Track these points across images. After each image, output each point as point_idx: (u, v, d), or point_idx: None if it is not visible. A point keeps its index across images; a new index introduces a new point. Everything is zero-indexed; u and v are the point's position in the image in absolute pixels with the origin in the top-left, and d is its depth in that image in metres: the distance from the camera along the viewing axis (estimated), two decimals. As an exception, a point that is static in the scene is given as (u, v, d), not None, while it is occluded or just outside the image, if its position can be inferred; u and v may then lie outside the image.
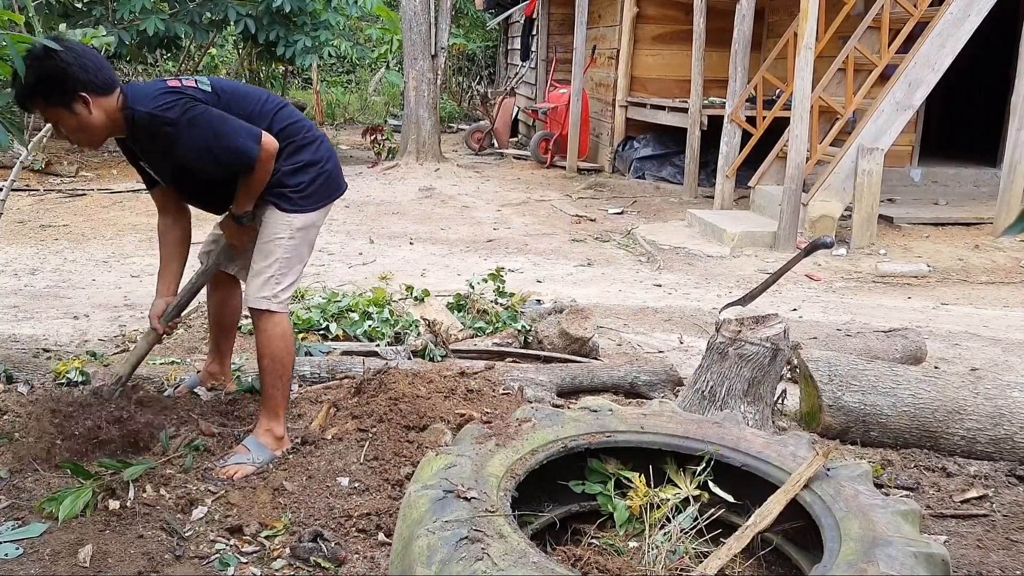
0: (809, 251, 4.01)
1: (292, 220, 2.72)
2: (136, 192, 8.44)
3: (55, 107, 2.49)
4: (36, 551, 2.17)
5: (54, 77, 2.44)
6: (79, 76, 2.45)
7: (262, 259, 2.72)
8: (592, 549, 1.92)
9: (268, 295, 2.70)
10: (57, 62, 2.43)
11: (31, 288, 5.25)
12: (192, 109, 2.52)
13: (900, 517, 1.70)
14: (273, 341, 2.72)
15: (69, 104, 2.47)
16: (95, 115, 2.51)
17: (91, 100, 2.48)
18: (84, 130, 2.54)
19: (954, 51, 6.75)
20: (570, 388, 3.51)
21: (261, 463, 2.65)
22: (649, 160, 10.37)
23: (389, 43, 16.29)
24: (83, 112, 2.49)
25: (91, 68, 2.48)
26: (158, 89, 2.57)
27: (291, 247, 2.73)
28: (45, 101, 2.49)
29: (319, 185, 2.77)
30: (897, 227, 7.40)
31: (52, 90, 2.46)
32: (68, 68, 2.44)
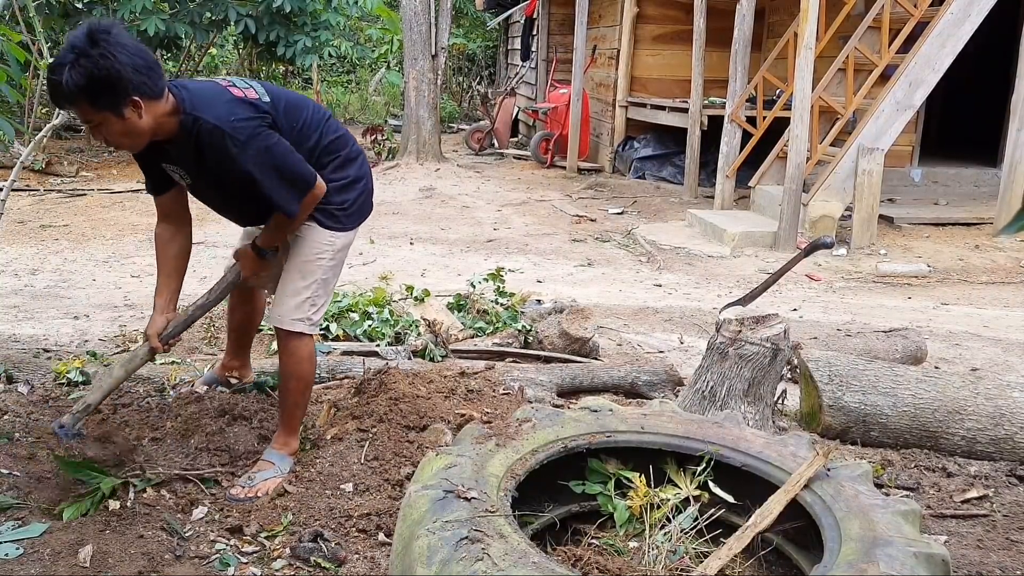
0: (809, 251, 4.01)
1: (335, 240, 2.62)
2: (136, 192, 8.44)
3: (102, 111, 2.24)
4: (36, 551, 2.17)
5: (107, 79, 2.18)
6: (133, 79, 2.21)
7: (300, 279, 2.59)
8: (592, 549, 1.92)
9: (302, 317, 2.59)
10: (112, 62, 2.17)
11: (31, 288, 5.25)
12: (264, 136, 2.36)
13: (900, 517, 1.70)
14: (303, 364, 2.64)
15: (119, 109, 2.23)
16: (144, 120, 2.28)
17: (143, 105, 2.25)
18: (129, 135, 2.31)
19: (954, 51, 6.75)
20: (570, 388, 3.51)
21: (284, 473, 2.63)
22: (649, 160, 10.37)
23: (389, 43, 16.31)
24: (132, 117, 2.26)
25: (145, 70, 2.24)
26: (227, 100, 2.37)
27: (330, 268, 2.64)
28: (92, 105, 2.23)
29: (361, 203, 2.69)
30: (897, 227, 7.40)
31: (102, 93, 2.20)
32: (123, 69, 2.19)
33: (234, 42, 12.63)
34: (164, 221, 2.68)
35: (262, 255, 2.62)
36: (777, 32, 9.24)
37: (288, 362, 2.65)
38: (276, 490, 2.54)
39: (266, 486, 2.55)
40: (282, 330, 2.61)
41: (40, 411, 2.98)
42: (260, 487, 2.54)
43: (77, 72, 2.16)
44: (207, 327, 4.07)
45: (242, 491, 2.53)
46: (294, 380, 2.65)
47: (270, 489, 2.54)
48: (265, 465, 2.62)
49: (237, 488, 2.54)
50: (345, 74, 19.18)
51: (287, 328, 2.60)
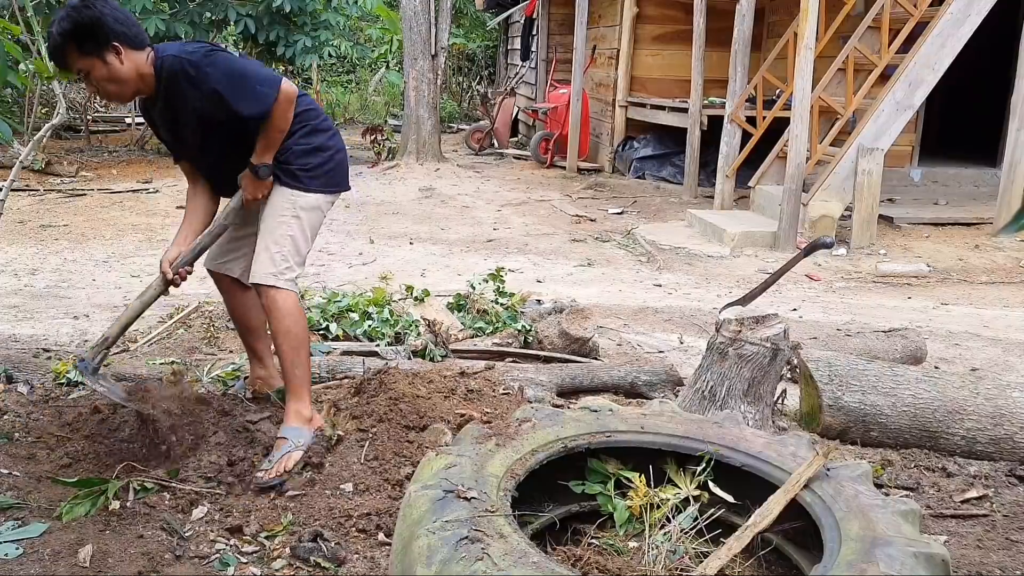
0: (809, 251, 4.01)
1: (296, 198, 2.74)
2: (136, 192, 8.45)
3: (88, 56, 2.53)
4: (36, 551, 2.17)
5: (89, 25, 2.49)
6: (113, 26, 2.51)
7: (267, 236, 2.73)
8: (592, 549, 1.92)
9: (274, 271, 2.70)
10: (93, 11, 2.49)
11: (31, 288, 5.25)
12: (213, 53, 2.59)
13: (900, 517, 1.70)
14: (285, 317, 2.69)
15: (102, 53, 2.52)
16: (126, 66, 2.55)
17: (123, 51, 2.54)
18: (114, 80, 2.57)
19: (954, 51, 6.75)
20: (570, 388, 3.51)
21: (305, 444, 2.63)
22: (649, 160, 10.38)
23: (389, 43, 16.31)
24: (115, 62, 2.54)
25: (124, 20, 2.55)
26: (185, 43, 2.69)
27: (296, 226, 2.74)
28: (79, 50, 2.52)
29: (327, 170, 2.80)
30: (897, 227, 7.40)
31: (86, 38, 2.50)
32: (103, 17, 2.50)
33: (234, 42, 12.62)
34: (191, 181, 2.92)
35: (257, 173, 2.73)
36: (777, 32, 9.24)
37: (272, 319, 2.72)
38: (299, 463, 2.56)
39: (286, 461, 2.56)
40: (260, 287, 2.72)
41: (40, 411, 2.98)
42: (280, 465, 2.55)
43: (65, 21, 2.50)
44: (207, 327, 4.07)
45: (265, 474, 2.54)
46: (281, 336, 2.70)
47: (291, 464, 2.55)
48: (280, 443, 2.64)
49: (262, 472, 2.55)
50: (345, 74, 19.17)
51: (261, 282, 2.70)
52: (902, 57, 6.92)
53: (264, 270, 2.71)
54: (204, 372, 3.41)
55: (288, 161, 2.74)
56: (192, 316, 4.28)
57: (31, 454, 2.66)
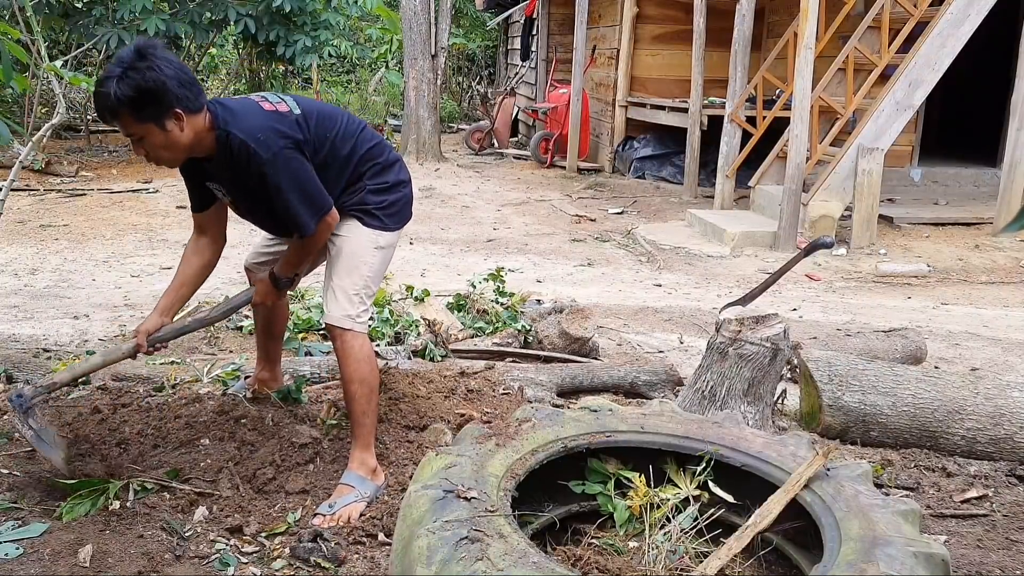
0: (809, 251, 4.01)
1: (377, 238, 2.64)
2: (136, 192, 8.45)
3: (145, 122, 2.30)
4: (36, 551, 2.17)
5: (152, 91, 2.25)
6: (177, 91, 2.28)
7: (345, 275, 2.60)
8: (592, 549, 1.92)
9: (352, 313, 2.57)
10: (158, 75, 2.25)
11: (31, 288, 5.25)
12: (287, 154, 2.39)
13: (900, 517, 1.70)
14: (361, 364, 2.56)
15: (162, 121, 2.30)
16: (185, 134, 2.34)
17: (184, 118, 2.31)
18: (170, 148, 2.36)
19: (954, 51, 6.75)
20: (570, 388, 3.51)
21: (370, 497, 2.49)
22: (649, 160, 10.38)
23: (389, 43, 16.28)
24: (174, 130, 2.32)
25: (187, 84, 2.31)
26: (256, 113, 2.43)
27: (375, 266, 2.64)
28: (136, 116, 2.28)
29: (401, 206, 2.71)
30: (897, 227, 7.40)
31: (147, 104, 2.27)
32: (168, 82, 2.26)
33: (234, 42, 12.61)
34: (199, 235, 2.72)
35: (277, 284, 2.65)
36: (777, 32, 9.24)
37: (346, 363, 2.57)
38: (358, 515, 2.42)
39: (347, 512, 2.42)
40: (334, 329, 2.58)
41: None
42: (341, 514, 2.41)
43: (125, 84, 2.23)
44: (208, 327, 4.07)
45: (324, 520, 2.40)
46: (356, 384, 2.56)
47: (352, 516, 2.41)
48: (345, 489, 2.49)
49: (319, 518, 2.41)
50: (345, 74, 19.16)
51: (337, 325, 2.57)
52: (902, 57, 6.91)
53: (340, 312, 2.57)
54: (204, 372, 3.41)
55: (364, 202, 2.62)
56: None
57: (31, 454, 2.66)
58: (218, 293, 4.89)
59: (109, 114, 2.31)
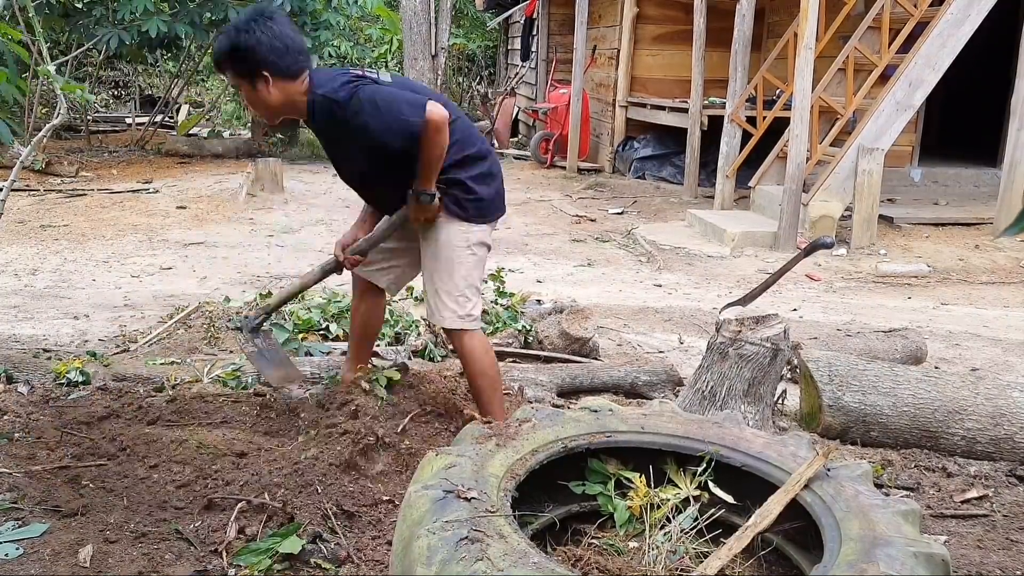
0: (809, 251, 4.01)
1: (470, 233, 2.69)
2: (136, 192, 8.45)
3: (240, 77, 2.62)
4: (36, 551, 2.17)
5: (244, 49, 2.55)
6: (266, 56, 2.55)
7: (446, 276, 2.70)
8: (592, 549, 1.92)
9: (460, 314, 2.69)
10: (251, 36, 2.55)
11: (31, 288, 5.25)
12: (358, 88, 2.56)
13: (900, 517, 1.70)
14: (480, 360, 2.73)
15: (252, 79, 2.59)
16: (273, 95, 2.60)
17: (271, 80, 2.58)
18: (258, 105, 2.66)
19: (954, 51, 6.75)
20: (570, 388, 3.51)
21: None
22: (649, 160, 10.37)
23: (389, 43, 16.30)
24: (263, 89, 2.59)
25: (280, 51, 2.56)
26: (340, 74, 2.65)
27: (473, 262, 2.70)
28: (233, 70, 2.62)
29: (491, 198, 2.75)
30: (897, 227, 7.40)
31: (239, 61, 2.58)
32: (258, 45, 2.54)
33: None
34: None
35: (419, 199, 2.66)
36: (777, 32, 9.24)
37: (467, 363, 2.75)
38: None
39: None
40: (450, 332, 2.75)
41: (40, 411, 2.98)
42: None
43: (224, 40, 2.60)
44: (207, 327, 4.07)
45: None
46: (479, 378, 2.74)
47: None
48: None
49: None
50: (345, 74, 19.15)
51: (451, 327, 2.72)
52: (902, 57, 6.91)
53: (449, 315, 2.69)
54: (204, 372, 3.41)
55: (460, 190, 2.67)
56: (192, 316, 4.28)
57: (31, 454, 2.66)
58: (218, 294, 4.89)
59: (218, 63, 2.68)
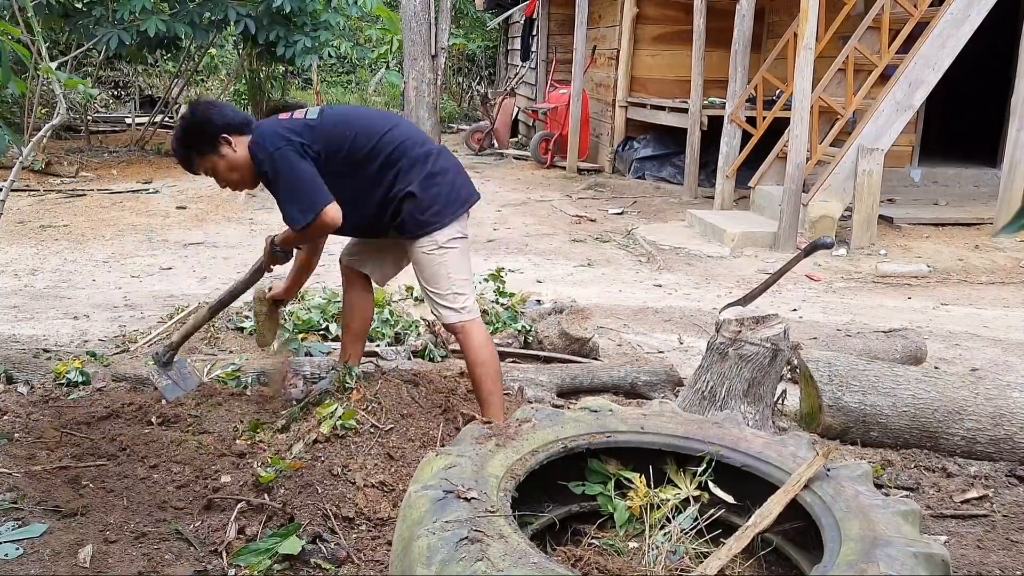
0: (809, 251, 4.01)
1: (435, 238, 2.75)
2: (136, 192, 8.45)
3: (206, 155, 2.72)
4: (36, 551, 2.17)
5: (198, 126, 2.70)
6: (218, 121, 2.69)
7: (434, 284, 2.79)
8: (592, 549, 1.92)
9: (458, 308, 2.79)
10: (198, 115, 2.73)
11: (31, 288, 5.25)
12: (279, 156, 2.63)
13: (900, 517, 1.70)
14: (481, 349, 2.81)
15: (217, 148, 2.70)
16: (240, 152, 2.71)
17: (232, 140, 2.70)
18: (236, 168, 2.73)
19: (954, 51, 6.75)
20: (570, 388, 3.51)
21: None
22: (649, 160, 10.37)
23: (389, 43, 16.28)
24: (228, 152, 2.71)
25: (227, 114, 2.74)
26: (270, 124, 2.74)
27: (453, 259, 2.77)
28: (198, 154, 2.73)
29: (448, 195, 2.77)
30: (897, 227, 7.39)
31: (199, 140, 2.71)
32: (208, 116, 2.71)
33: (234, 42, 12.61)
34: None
35: (274, 251, 2.91)
36: (777, 32, 9.24)
37: (467, 353, 2.84)
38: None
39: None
40: (451, 327, 2.84)
41: (40, 411, 2.98)
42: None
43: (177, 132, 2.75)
44: (207, 327, 4.07)
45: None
46: (480, 367, 2.81)
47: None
48: None
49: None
50: (345, 74, 19.16)
51: (450, 323, 2.82)
52: (902, 57, 6.91)
53: (447, 315, 2.81)
54: (204, 372, 3.41)
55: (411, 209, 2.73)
56: (192, 316, 4.28)
57: (31, 454, 2.66)
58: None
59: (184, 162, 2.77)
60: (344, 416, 2.67)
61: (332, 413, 2.69)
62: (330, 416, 2.68)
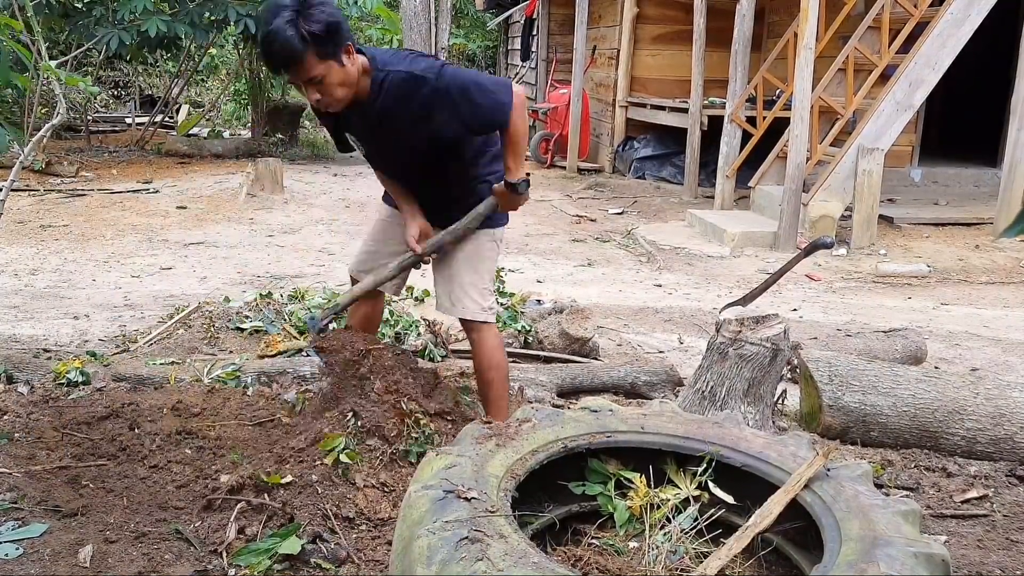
0: (809, 251, 4.01)
1: (494, 231, 2.78)
2: (136, 192, 8.45)
3: (327, 59, 2.33)
4: (36, 551, 2.17)
5: (336, 24, 2.31)
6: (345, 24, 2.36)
7: (471, 272, 2.73)
8: (592, 549, 1.92)
9: (485, 306, 2.74)
10: (330, 8, 2.33)
11: (31, 288, 5.25)
12: (444, 68, 2.47)
13: (900, 517, 1.70)
14: (495, 352, 2.75)
15: (339, 55, 2.35)
16: (354, 68, 2.40)
17: (351, 51, 2.39)
18: (345, 84, 2.39)
19: (954, 51, 6.75)
20: (570, 388, 3.51)
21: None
22: (649, 160, 10.38)
23: (389, 43, 16.29)
24: (348, 64, 2.38)
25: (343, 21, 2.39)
26: (409, 55, 2.52)
27: (494, 259, 2.80)
28: (319, 54, 2.30)
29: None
30: (897, 227, 7.39)
31: (330, 39, 2.30)
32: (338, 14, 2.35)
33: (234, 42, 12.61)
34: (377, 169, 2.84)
35: (516, 189, 2.62)
36: (777, 32, 9.24)
37: (482, 353, 2.76)
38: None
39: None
40: (470, 323, 2.75)
41: (40, 411, 2.98)
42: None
43: (311, 22, 2.26)
44: (207, 327, 4.07)
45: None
46: (492, 371, 2.76)
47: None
48: None
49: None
50: (345, 74, 19.15)
51: (474, 319, 2.74)
52: (902, 57, 6.91)
53: (474, 307, 2.73)
54: (204, 372, 3.41)
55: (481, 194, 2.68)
56: (192, 316, 4.28)
57: (31, 454, 2.66)
58: (218, 293, 4.89)
59: (293, 59, 2.30)
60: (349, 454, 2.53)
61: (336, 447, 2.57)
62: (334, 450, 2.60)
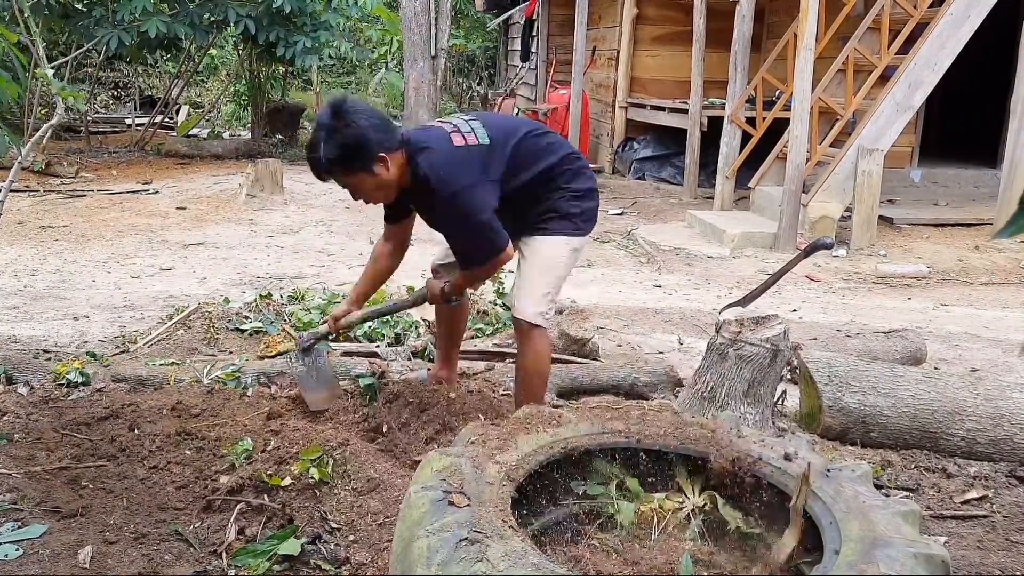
0: (809, 252, 4.01)
1: (571, 241, 2.82)
2: (136, 193, 8.45)
3: (355, 174, 2.55)
4: (36, 551, 2.17)
5: (355, 146, 2.49)
6: (375, 138, 2.50)
7: (540, 276, 2.79)
8: (592, 549, 1.91)
9: (544, 311, 2.79)
10: (356, 129, 2.48)
11: (31, 289, 5.25)
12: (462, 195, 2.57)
13: (900, 518, 1.70)
14: (543, 358, 2.82)
15: (369, 168, 2.53)
16: (392, 172, 2.57)
17: (388, 159, 2.54)
18: (383, 188, 2.61)
19: (954, 52, 6.75)
20: (570, 389, 3.51)
21: None
22: (649, 161, 10.38)
23: (389, 44, 16.31)
24: (383, 172, 2.54)
25: (380, 126, 2.54)
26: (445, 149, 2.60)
27: (567, 268, 2.83)
28: (345, 171, 2.54)
29: (593, 210, 2.86)
30: (897, 228, 7.40)
31: (355, 158, 2.51)
32: (366, 132, 2.49)
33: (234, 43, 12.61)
34: (388, 241, 3.01)
35: (447, 299, 2.90)
36: (777, 33, 9.24)
37: (530, 357, 2.81)
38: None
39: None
40: (524, 324, 2.78)
41: (40, 412, 2.98)
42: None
43: (330, 146, 2.49)
44: (207, 328, 4.07)
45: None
46: (536, 376, 2.81)
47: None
48: None
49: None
50: (345, 75, 19.15)
51: (532, 321, 2.78)
52: (902, 58, 6.92)
53: (533, 309, 2.77)
54: (204, 373, 3.41)
55: (559, 208, 2.77)
56: (192, 317, 4.28)
57: (31, 455, 2.66)
58: (218, 294, 4.89)
59: (323, 174, 2.56)
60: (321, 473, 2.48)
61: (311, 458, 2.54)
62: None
